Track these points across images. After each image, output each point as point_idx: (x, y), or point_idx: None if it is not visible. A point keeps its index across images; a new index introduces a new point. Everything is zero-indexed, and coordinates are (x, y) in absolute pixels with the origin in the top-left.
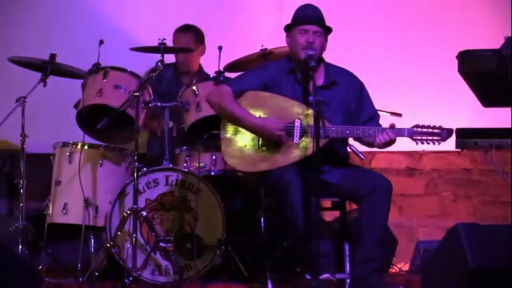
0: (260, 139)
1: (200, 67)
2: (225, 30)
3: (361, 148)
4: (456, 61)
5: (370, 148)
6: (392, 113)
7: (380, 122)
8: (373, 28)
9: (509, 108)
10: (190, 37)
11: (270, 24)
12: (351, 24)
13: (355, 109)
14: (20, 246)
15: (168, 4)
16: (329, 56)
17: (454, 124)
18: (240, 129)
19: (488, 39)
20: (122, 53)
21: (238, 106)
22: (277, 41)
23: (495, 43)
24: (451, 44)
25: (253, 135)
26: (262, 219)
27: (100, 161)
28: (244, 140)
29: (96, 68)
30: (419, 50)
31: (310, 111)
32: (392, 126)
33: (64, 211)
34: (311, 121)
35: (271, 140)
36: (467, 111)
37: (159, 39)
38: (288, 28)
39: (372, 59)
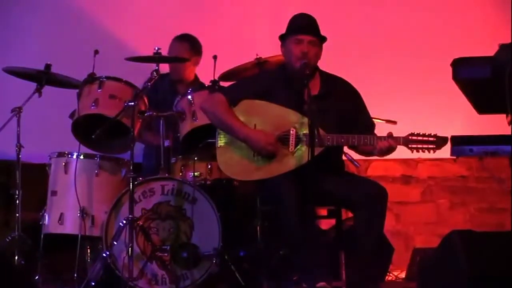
0: None
1: (196, 77)
2: (220, 39)
3: (356, 156)
4: (451, 68)
5: (366, 157)
6: (387, 121)
7: (376, 129)
8: (367, 36)
9: (504, 115)
10: (184, 46)
11: (265, 33)
12: (346, 33)
13: (351, 119)
14: (17, 257)
15: (163, 14)
16: (323, 64)
17: (449, 131)
18: None
19: (483, 47)
20: (117, 63)
21: (232, 116)
22: (272, 50)
23: (490, 50)
24: (445, 51)
25: None
26: (258, 227)
27: (96, 171)
28: (239, 149)
29: (92, 78)
30: (414, 58)
31: (306, 120)
32: (390, 135)
33: (60, 221)
34: (306, 129)
35: (262, 153)
36: (462, 118)
37: (154, 49)
38: (282, 38)
39: (367, 67)
